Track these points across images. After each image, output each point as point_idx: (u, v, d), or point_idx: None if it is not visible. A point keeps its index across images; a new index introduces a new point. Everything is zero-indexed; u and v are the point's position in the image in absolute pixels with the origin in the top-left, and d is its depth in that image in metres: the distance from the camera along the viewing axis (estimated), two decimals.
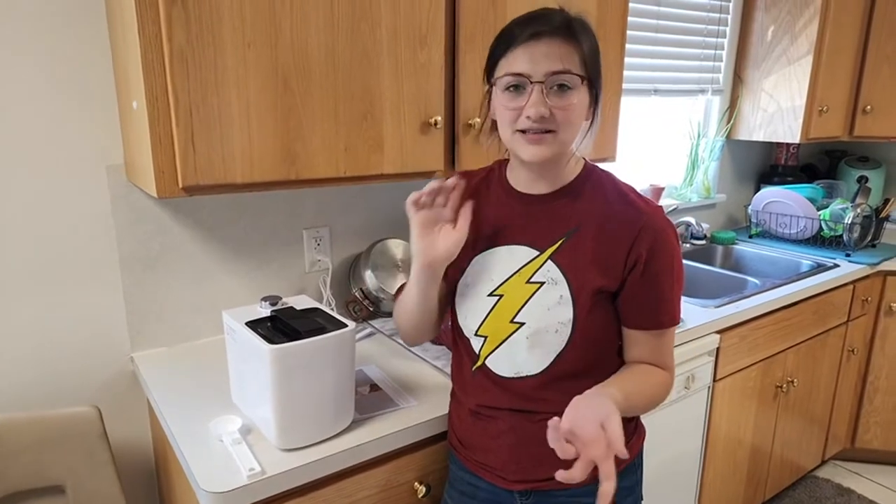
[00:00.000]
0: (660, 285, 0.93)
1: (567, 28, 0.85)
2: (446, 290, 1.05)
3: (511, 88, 0.87)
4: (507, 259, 0.96)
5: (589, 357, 0.95)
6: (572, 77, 0.85)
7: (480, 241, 0.99)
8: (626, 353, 0.99)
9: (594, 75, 0.89)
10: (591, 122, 0.93)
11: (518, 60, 0.85)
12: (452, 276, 1.02)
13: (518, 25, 0.87)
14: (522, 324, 0.94)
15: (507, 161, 1.03)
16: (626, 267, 0.91)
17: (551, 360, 0.94)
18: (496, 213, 0.99)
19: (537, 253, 0.94)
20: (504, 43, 0.88)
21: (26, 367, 1.25)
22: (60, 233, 1.23)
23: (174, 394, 1.18)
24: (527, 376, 0.96)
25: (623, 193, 0.94)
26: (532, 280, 0.93)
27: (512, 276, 0.95)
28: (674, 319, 0.96)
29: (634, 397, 0.91)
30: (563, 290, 0.92)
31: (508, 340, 0.95)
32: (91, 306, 1.29)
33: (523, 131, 0.88)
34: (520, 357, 0.95)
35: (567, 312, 0.92)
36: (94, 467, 1.20)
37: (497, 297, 0.95)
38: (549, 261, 0.93)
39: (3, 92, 1.13)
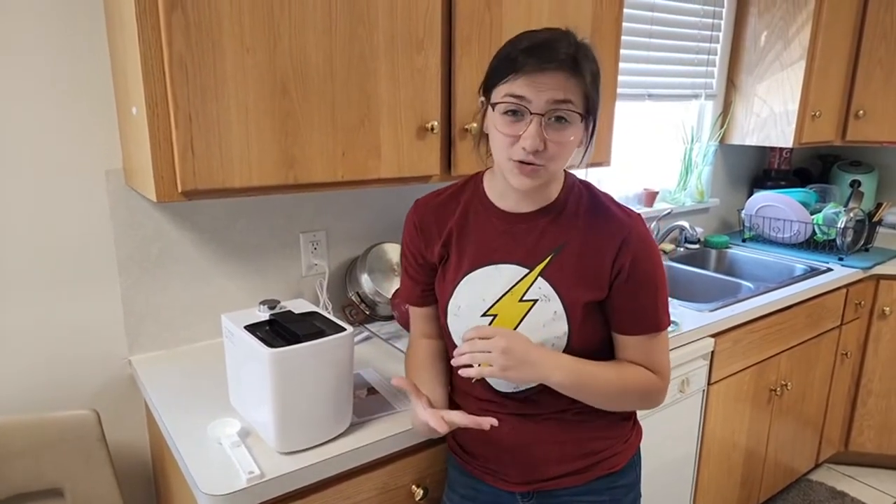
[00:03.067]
0: (644, 291, 0.94)
1: (573, 61, 0.84)
2: (437, 313, 1.06)
3: (510, 113, 0.86)
4: (496, 278, 0.96)
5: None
6: (572, 113, 0.85)
7: (465, 261, 0.98)
8: (617, 358, 0.99)
9: (594, 108, 0.89)
10: (587, 148, 0.93)
11: (520, 87, 0.84)
12: (442, 298, 1.02)
13: (523, 53, 0.84)
14: None
15: (481, 174, 1.02)
16: (611, 276, 0.93)
17: None
18: (479, 232, 0.99)
19: (526, 271, 0.94)
20: (506, 69, 0.86)
21: (24, 370, 1.25)
22: (59, 236, 1.24)
23: (172, 397, 1.18)
24: (526, 389, 0.97)
25: (603, 205, 0.96)
26: (525, 298, 0.94)
27: (503, 295, 0.95)
28: (660, 324, 0.97)
29: (589, 376, 0.92)
30: (557, 305, 0.93)
31: None
32: (89, 310, 1.29)
33: (516, 160, 0.87)
34: None
35: (562, 327, 0.93)
36: (92, 470, 1.20)
37: (491, 318, 0.96)
38: (540, 277, 0.93)
39: (2, 97, 1.14)
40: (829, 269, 2.16)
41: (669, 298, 1.02)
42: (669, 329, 1.00)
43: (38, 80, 1.16)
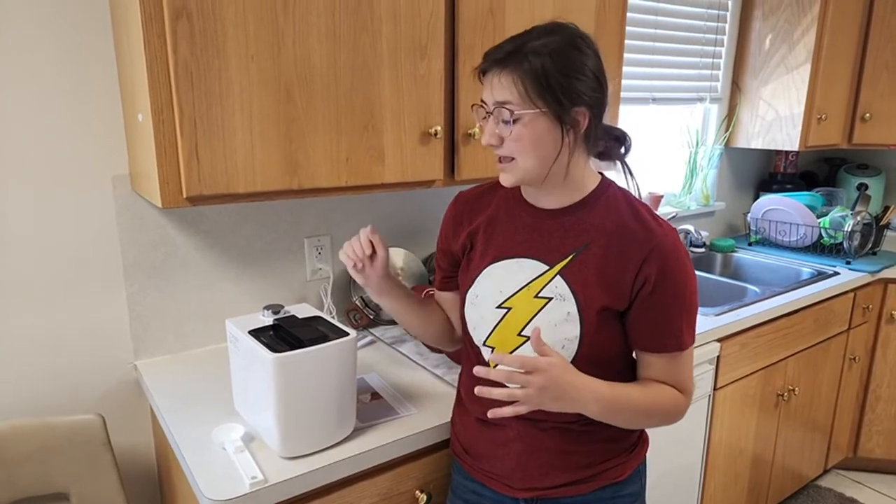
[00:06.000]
0: (668, 308, 0.91)
1: (510, 57, 0.84)
2: (458, 301, 1.06)
3: (483, 116, 0.91)
4: (516, 272, 0.96)
5: (596, 371, 0.93)
6: (507, 111, 0.86)
7: (490, 251, 0.99)
8: (640, 376, 0.98)
9: (550, 99, 0.84)
10: (571, 141, 0.88)
11: (483, 90, 0.90)
12: (463, 287, 1.03)
13: (484, 57, 0.89)
14: (529, 338, 0.93)
15: None
16: (633, 288, 0.90)
17: None
18: (507, 225, 0.99)
19: (546, 267, 0.94)
20: (480, 73, 0.91)
21: (30, 375, 1.26)
22: (65, 242, 1.25)
23: (177, 401, 1.19)
24: None
25: (637, 212, 0.93)
26: (540, 295, 0.93)
27: (520, 289, 0.95)
28: (682, 344, 0.93)
29: (622, 402, 0.91)
30: (571, 306, 0.91)
31: (515, 353, 0.95)
32: (95, 314, 1.30)
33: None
34: None
35: (574, 329, 0.92)
36: (97, 474, 1.21)
37: (505, 310, 0.96)
38: (558, 276, 0.93)
39: (10, 103, 1.15)
40: (837, 273, 2.14)
41: None
42: None
43: (44, 86, 1.17)
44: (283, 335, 1.03)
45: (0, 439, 1.13)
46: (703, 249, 2.42)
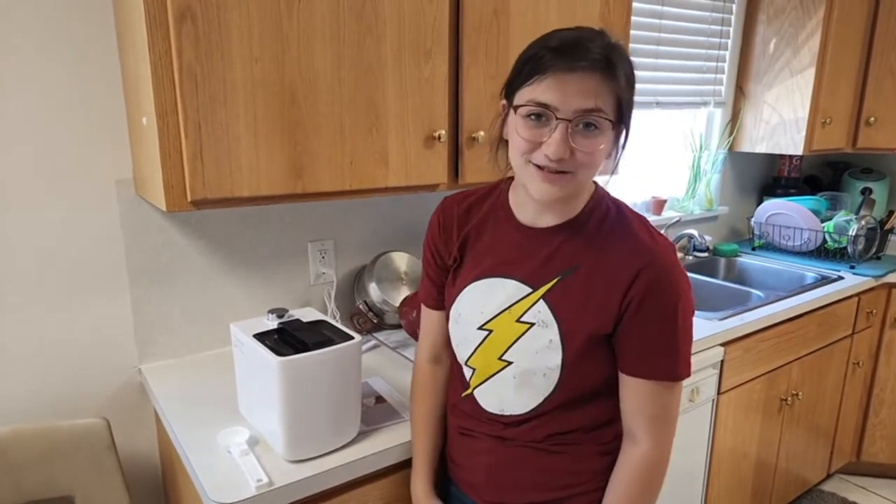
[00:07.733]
0: (657, 328, 0.83)
1: (606, 62, 0.76)
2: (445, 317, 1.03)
3: (532, 117, 0.79)
4: (499, 292, 0.90)
5: (575, 398, 0.90)
6: (602, 120, 0.78)
7: (475, 268, 0.94)
8: (621, 404, 0.90)
9: (627, 114, 0.81)
10: (617, 158, 0.86)
11: (547, 90, 0.77)
12: (448, 302, 0.99)
13: (551, 52, 0.77)
14: (510, 363, 0.90)
15: (510, 181, 0.96)
16: (621, 306, 0.83)
17: (538, 402, 0.90)
18: (493, 241, 0.94)
19: (530, 290, 0.88)
20: (532, 69, 0.79)
21: (35, 379, 1.26)
22: (69, 246, 1.25)
23: (182, 405, 1.18)
24: (511, 415, 0.93)
25: (629, 227, 0.86)
26: (522, 319, 0.88)
27: (502, 311, 0.90)
28: (672, 372, 0.85)
29: None
30: (553, 334, 0.86)
31: (496, 377, 0.92)
32: (99, 319, 1.30)
33: (538, 165, 0.81)
34: (506, 395, 0.92)
35: (556, 358, 0.86)
36: (102, 478, 1.21)
37: (486, 332, 0.92)
38: (541, 300, 0.87)
39: (14, 107, 1.15)
40: (841, 278, 2.14)
41: None
42: None
43: (48, 90, 1.18)
44: (287, 339, 1.03)
45: (5, 443, 1.13)
46: (706, 254, 2.41)
